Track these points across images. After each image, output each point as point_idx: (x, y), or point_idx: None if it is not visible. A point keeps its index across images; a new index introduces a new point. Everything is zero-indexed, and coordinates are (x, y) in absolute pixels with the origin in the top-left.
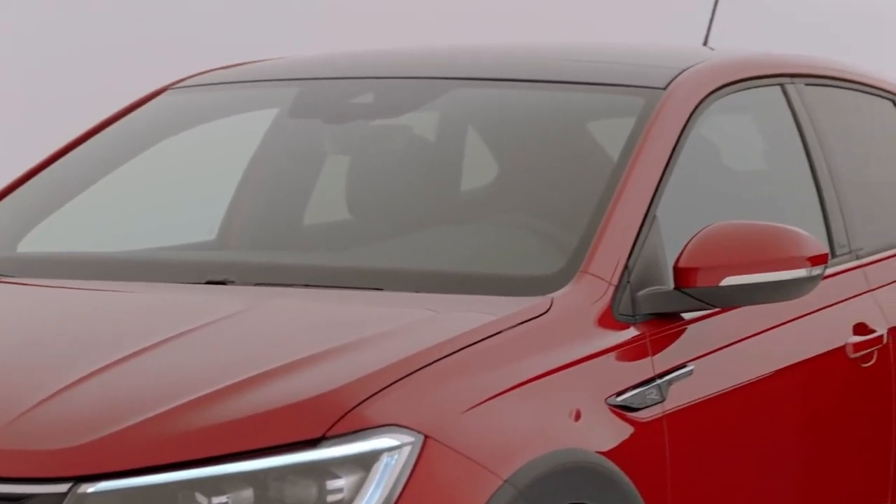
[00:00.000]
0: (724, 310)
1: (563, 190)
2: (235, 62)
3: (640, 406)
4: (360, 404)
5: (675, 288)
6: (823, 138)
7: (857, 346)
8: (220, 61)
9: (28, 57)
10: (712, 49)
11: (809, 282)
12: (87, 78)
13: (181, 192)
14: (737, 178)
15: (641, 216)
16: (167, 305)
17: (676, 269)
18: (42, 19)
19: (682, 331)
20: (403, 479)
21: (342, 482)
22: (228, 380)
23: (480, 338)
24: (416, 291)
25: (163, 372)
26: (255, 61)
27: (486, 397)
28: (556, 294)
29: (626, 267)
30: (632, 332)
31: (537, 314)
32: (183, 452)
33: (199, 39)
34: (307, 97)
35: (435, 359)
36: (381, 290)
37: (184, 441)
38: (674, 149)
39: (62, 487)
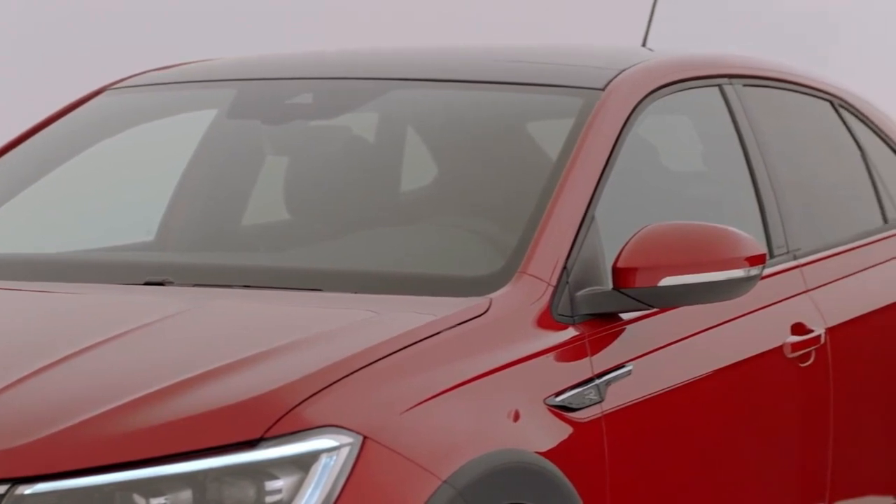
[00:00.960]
0: (663, 310)
1: (502, 191)
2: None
3: (578, 406)
4: (298, 405)
5: (613, 288)
6: (762, 139)
7: (795, 346)
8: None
9: None
10: (651, 50)
11: (747, 282)
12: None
13: (119, 193)
14: (675, 179)
15: (580, 217)
16: (105, 306)
17: (615, 270)
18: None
19: (621, 331)
20: (342, 480)
21: (280, 483)
22: (167, 381)
23: (419, 338)
24: (356, 292)
25: (101, 373)
26: (193, 62)
27: (425, 398)
28: (495, 295)
29: (564, 267)
30: (570, 333)
31: (476, 315)
32: (121, 454)
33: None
34: (245, 98)
35: (374, 359)
36: (320, 290)
37: (122, 442)
38: (612, 149)
39: None
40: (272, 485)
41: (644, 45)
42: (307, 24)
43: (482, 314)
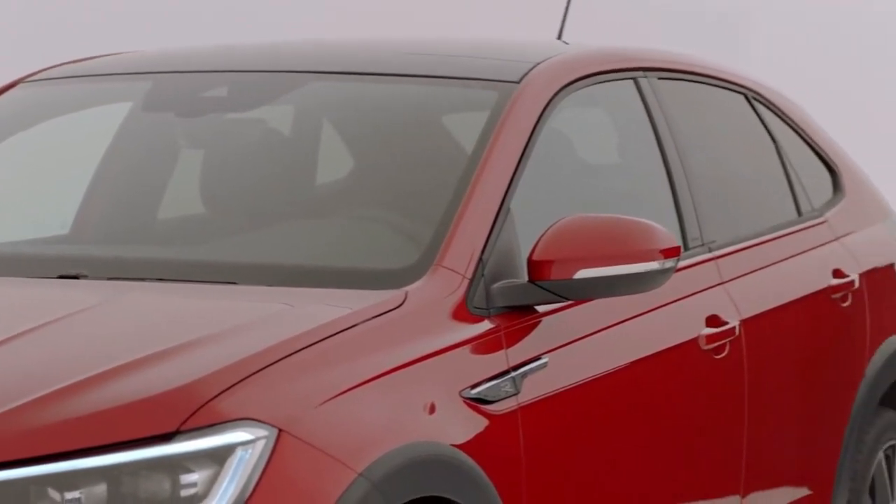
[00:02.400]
0: (578, 302)
1: (418, 183)
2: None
3: (494, 399)
4: (213, 398)
5: (529, 281)
6: (676, 132)
7: (710, 338)
8: None
9: None
10: (566, 43)
11: (662, 274)
12: None
13: (33, 186)
14: (591, 172)
15: (496, 209)
16: (19, 300)
17: (530, 262)
18: None
19: (537, 323)
20: (257, 473)
21: (196, 476)
22: (81, 374)
23: (335, 331)
24: (271, 285)
25: (14, 367)
26: (108, 54)
27: (340, 391)
28: (411, 287)
29: (480, 260)
30: (486, 325)
31: (392, 307)
32: (35, 448)
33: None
34: (160, 91)
35: (289, 352)
36: (235, 284)
37: (36, 436)
38: (528, 142)
39: None
40: (187, 478)
41: (559, 38)
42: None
43: (398, 307)
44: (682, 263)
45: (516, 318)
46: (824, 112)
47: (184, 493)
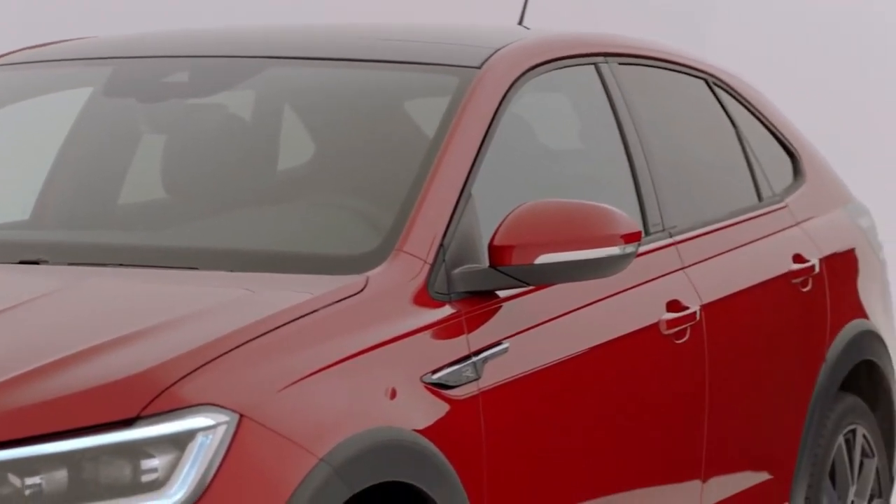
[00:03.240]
0: (539, 287)
1: (379, 169)
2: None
3: (455, 384)
4: (174, 384)
5: (490, 266)
6: (637, 117)
7: (671, 323)
8: None
9: None
10: (527, 28)
11: (623, 259)
12: None
13: None
14: (552, 157)
15: (457, 195)
16: None
17: (491, 248)
18: None
19: (498, 308)
20: (219, 459)
21: (157, 462)
22: (41, 360)
23: (296, 316)
24: (232, 271)
25: None
26: (69, 39)
27: (301, 376)
28: (372, 273)
29: (441, 245)
30: (447, 310)
31: (353, 293)
32: None
33: None
34: (121, 76)
35: (250, 338)
36: (196, 269)
37: None
38: (489, 128)
39: None
40: (148, 463)
41: (520, 23)
42: None
43: (359, 292)
44: (642, 248)
45: (477, 303)
46: (787, 100)
47: (144, 478)
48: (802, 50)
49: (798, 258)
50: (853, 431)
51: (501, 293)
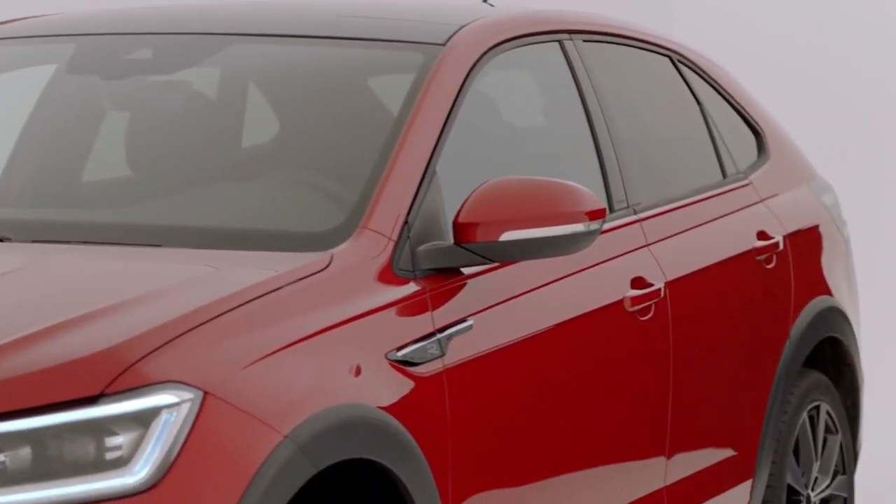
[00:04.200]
0: (504, 264)
1: (344, 146)
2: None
3: (420, 361)
4: (138, 361)
5: (454, 243)
6: (602, 94)
7: (635, 300)
8: None
9: None
10: (492, 6)
11: (587, 236)
12: None
13: None
14: (516, 134)
15: (421, 172)
16: None
17: (456, 225)
18: None
19: (462, 285)
20: (183, 436)
21: (121, 439)
22: (4, 337)
23: (260, 294)
24: (196, 248)
25: None
26: (33, 16)
27: (265, 353)
28: (336, 250)
29: (405, 222)
30: (412, 288)
31: (317, 270)
32: None
33: None
34: (85, 53)
35: (214, 315)
36: (160, 246)
37: None
38: (453, 105)
39: None
40: (112, 441)
41: (485, 0)
42: None
43: (323, 269)
44: (607, 226)
45: (442, 280)
46: (752, 78)
47: (109, 455)
48: (768, 28)
49: (762, 235)
50: (817, 408)
51: (466, 270)
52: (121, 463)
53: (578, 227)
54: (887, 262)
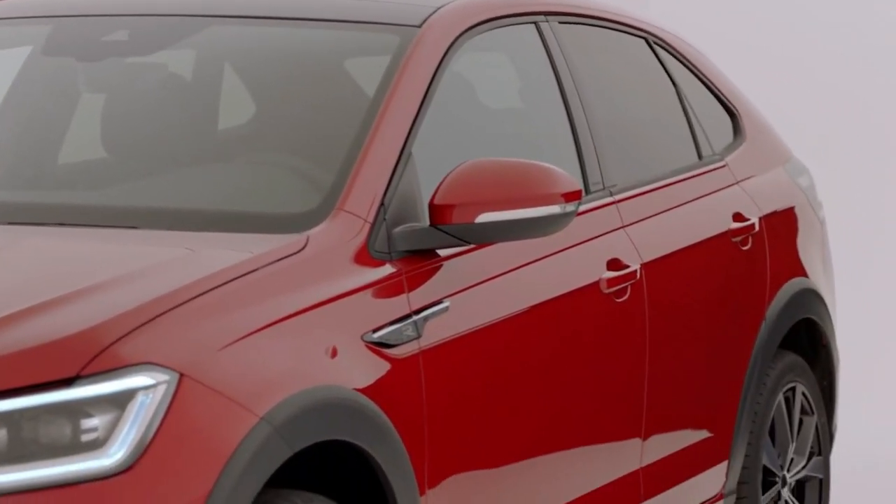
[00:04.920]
0: (480, 246)
1: (320, 128)
2: None
3: (396, 342)
4: (114, 343)
5: (430, 225)
6: (577, 76)
7: (611, 282)
8: None
9: None
10: None
11: (563, 218)
12: None
13: None
14: (492, 116)
15: (397, 154)
16: None
17: (432, 206)
18: None
19: (438, 267)
20: (159, 418)
21: (97, 421)
22: None
23: (236, 276)
24: (172, 230)
25: None
26: None
27: (241, 335)
28: (312, 231)
29: (381, 204)
30: (388, 269)
31: (293, 252)
32: None
33: None
34: (61, 35)
35: (190, 297)
36: (136, 228)
37: None
38: (429, 86)
39: None
40: (88, 423)
41: None
42: None
43: (299, 251)
44: (583, 207)
45: (418, 262)
46: (727, 60)
47: (84, 437)
48: (743, 9)
49: (738, 217)
50: (793, 389)
51: (442, 252)
52: (97, 445)
53: (554, 209)
54: (861, 242)
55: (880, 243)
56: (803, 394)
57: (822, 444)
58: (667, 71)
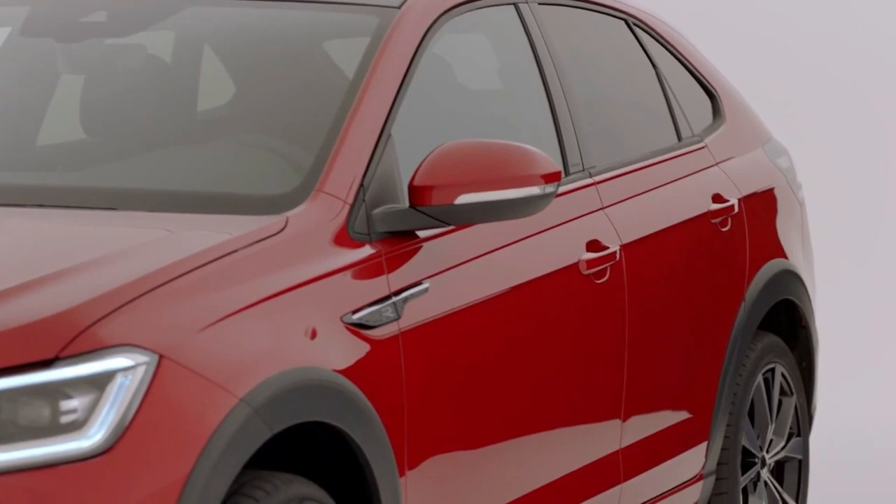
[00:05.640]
0: (459, 227)
1: (299, 109)
2: None
3: (375, 324)
4: (93, 324)
5: (410, 206)
6: (557, 58)
7: (591, 263)
8: None
9: None
10: None
11: (543, 199)
12: None
13: None
14: (471, 98)
15: (377, 135)
16: None
17: (411, 188)
18: None
19: (418, 249)
20: (138, 399)
21: (76, 402)
22: None
23: (215, 257)
24: (152, 211)
25: None
26: None
27: (221, 316)
28: (292, 213)
29: (361, 185)
30: (367, 251)
31: (272, 233)
32: None
33: None
34: (39, 16)
35: (170, 278)
36: (115, 209)
37: None
38: (409, 68)
39: None
40: (67, 404)
41: None
42: None
43: (278, 232)
44: (562, 189)
45: (397, 243)
46: (707, 42)
47: (64, 419)
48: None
49: (717, 198)
50: (772, 370)
51: (421, 233)
52: (76, 426)
53: (534, 190)
54: (841, 223)
55: (860, 224)
56: (782, 375)
57: (802, 425)
58: (646, 52)
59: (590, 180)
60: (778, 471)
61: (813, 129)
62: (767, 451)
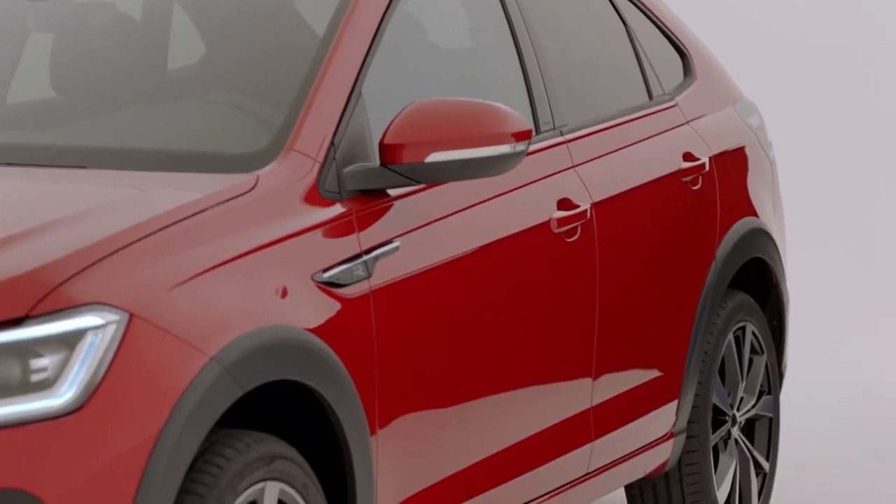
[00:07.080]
0: (430, 186)
1: (270, 68)
2: None
3: (346, 282)
4: (64, 283)
5: (381, 164)
6: (528, 16)
7: (562, 221)
8: None
9: None
10: None
11: (513, 157)
12: None
13: None
14: (443, 56)
15: (347, 93)
16: None
17: (382, 146)
18: None
19: (389, 207)
20: (109, 358)
21: (46, 361)
22: None
23: (186, 215)
24: (121, 169)
25: None
26: None
27: (191, 275)
28: (262, 171)
29: (332, 144)
30: (338, 209)
31: (243, 192)
32: None
33: None
34: None
35: (140, 237)
36: (84, 168)
37: None
38: (379, 26)
39: None
40: (38, 363)
41: None
42: None
43: (249, 191)
44: (533, 147)
45: (368, 201)
46: (677, 3)
47: (34, 377)
48: None
49: (688, 156)
50: (742, 329)
51: (392, 192)
52: (46, 385)
53: (504, 149)
54: (811, 181)
55: (831, 183)
56: (753, 333)
57: (772, 383)
58: (617, 11)
59: (561, 139)
60: (748, 429)
61: (783, 87)
62: (738, 409)
